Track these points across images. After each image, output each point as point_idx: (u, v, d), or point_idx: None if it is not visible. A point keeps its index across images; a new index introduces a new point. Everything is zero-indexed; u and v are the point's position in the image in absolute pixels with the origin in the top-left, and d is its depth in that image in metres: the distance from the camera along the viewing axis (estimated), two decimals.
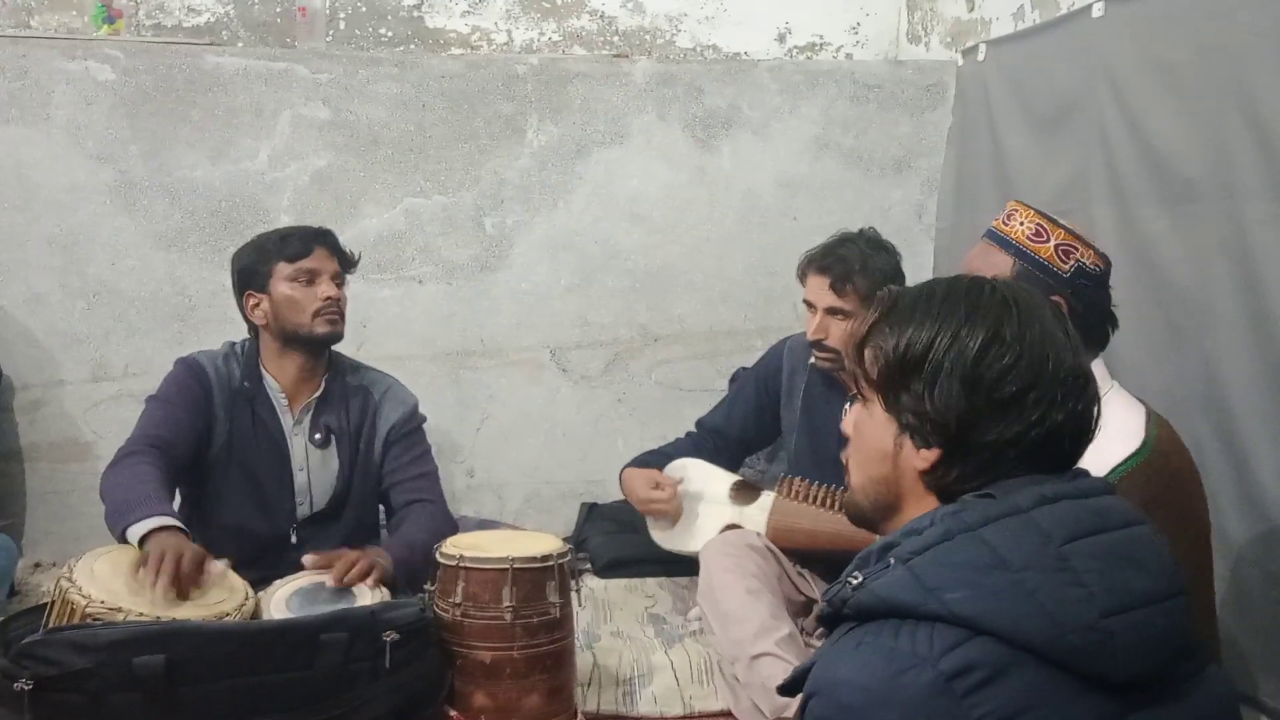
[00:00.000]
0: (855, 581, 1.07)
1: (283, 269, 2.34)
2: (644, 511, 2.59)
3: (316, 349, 2.40)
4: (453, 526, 2.40)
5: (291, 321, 2.34)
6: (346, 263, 2.45)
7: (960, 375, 1.11)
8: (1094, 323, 1.73)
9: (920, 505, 1.15)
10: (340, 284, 2.40)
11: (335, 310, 2.36)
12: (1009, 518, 1.06)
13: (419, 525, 2.32)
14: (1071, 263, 1.69)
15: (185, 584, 1.83)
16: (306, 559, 2.05)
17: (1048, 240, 1.70)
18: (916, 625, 1.01)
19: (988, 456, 1.12)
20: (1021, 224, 1.73)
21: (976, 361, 1.11)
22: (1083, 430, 1.14)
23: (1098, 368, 1.74)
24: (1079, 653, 1.00)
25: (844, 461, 1.26)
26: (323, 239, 2.40)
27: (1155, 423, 1.67)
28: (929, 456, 1.14)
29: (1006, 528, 1.05)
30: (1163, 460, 1.62)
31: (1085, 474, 1.17)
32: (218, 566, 1.92)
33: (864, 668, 1.01)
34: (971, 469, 1.13)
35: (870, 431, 1.20)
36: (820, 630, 2.12)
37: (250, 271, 2.38)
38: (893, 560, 1.06)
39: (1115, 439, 1.63)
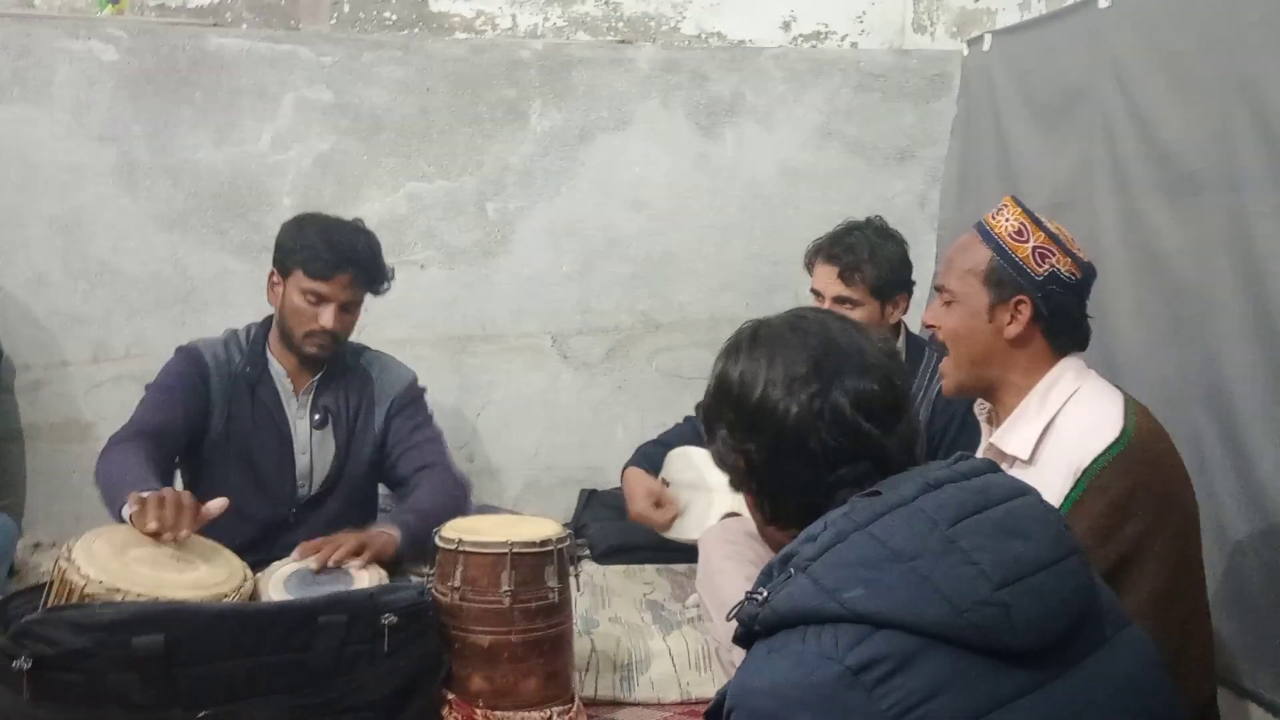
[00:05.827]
0: (761, 597, 1.10)
1: (300, 278, 2.34)
2: (636, 519, 2.58)
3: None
4: (463, 488, 2.42)
5: (287, 325, 2.38)
6: (374, 286, 2.41)
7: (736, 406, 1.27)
8: (1062, 328, 1.75)
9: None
10: (350, 311, 2.38)
11: (327, 340, 2.36)
12: (896, 510, 1.09)
13: (427, 491, 2.33)
14: (1046, 267, 1.71)
15: (187, 516, 1.85)
16: (298, 549, 2.04)
17: (1027, 241, 1.72)
18: (821, 628, 1.03)
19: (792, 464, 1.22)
20: (1007, 220, 1.75)
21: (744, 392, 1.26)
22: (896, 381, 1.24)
23: (1071, 365, 1.75)
24: (979, 629, 1.02)
25: None
26: (352, 265, 2.34)
27: (1134, 410, 1.68)
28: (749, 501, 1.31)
29: (894, 520, 1.08)
30: (1143, 446, 1.64)
31: (968, 457, 1.21)
32: (216, 505, 1.93)
33: (775, 674, 1.04)
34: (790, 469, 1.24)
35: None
36: None
37: (281, 253, 2.39)
38: (793, 570, 1.09)
39: (1094, 430, 1.66)
